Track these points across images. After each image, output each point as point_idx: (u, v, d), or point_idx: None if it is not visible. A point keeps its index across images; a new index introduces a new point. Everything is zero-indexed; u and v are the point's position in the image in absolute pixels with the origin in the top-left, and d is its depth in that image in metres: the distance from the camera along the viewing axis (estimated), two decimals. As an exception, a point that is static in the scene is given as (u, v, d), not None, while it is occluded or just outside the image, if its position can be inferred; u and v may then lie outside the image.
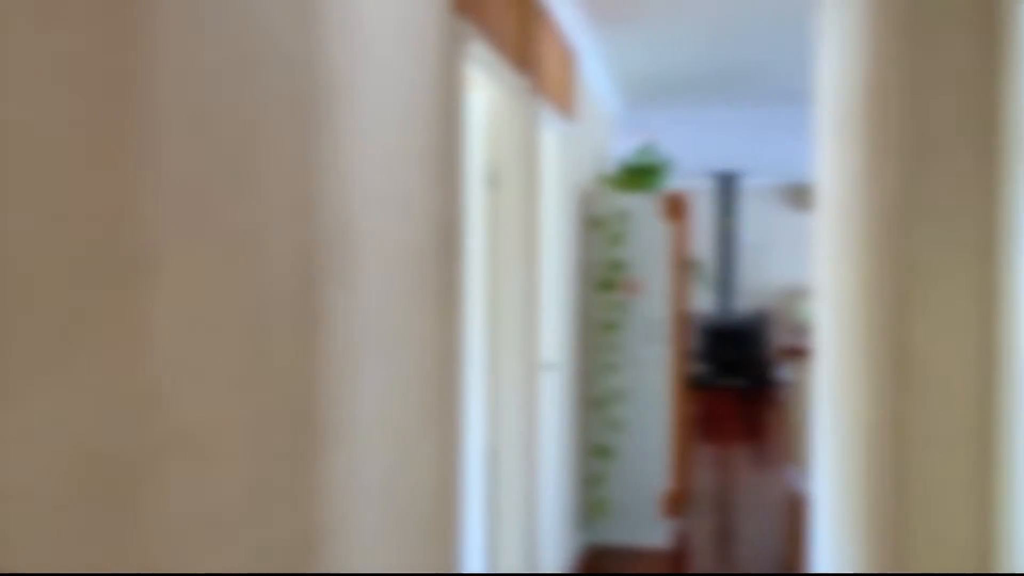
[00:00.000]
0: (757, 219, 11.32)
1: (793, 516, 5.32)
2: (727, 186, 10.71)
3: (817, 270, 3.20)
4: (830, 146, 2.93)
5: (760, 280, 11.37)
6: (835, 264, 2.81)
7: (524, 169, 2.95)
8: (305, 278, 1.31)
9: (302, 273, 1.30)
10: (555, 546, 3.85)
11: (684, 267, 4.67)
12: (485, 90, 2.84)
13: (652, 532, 4.65)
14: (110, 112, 0.87)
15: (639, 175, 4.84)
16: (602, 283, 4.54)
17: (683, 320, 4.67)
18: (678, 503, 4.80)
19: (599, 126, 5.15)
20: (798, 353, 5.93)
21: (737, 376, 10.49)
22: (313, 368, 1.34)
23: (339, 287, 1.44)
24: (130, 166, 0.90)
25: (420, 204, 1.86)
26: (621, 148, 6.77)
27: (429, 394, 1.94)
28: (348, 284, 1.48)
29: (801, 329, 10.78)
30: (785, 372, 10.66)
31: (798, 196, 11.24)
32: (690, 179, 10.65)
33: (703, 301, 10.97)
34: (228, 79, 1.09)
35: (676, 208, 4.52)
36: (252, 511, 1.16)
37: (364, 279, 1.55)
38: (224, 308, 1.08)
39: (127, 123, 0.89)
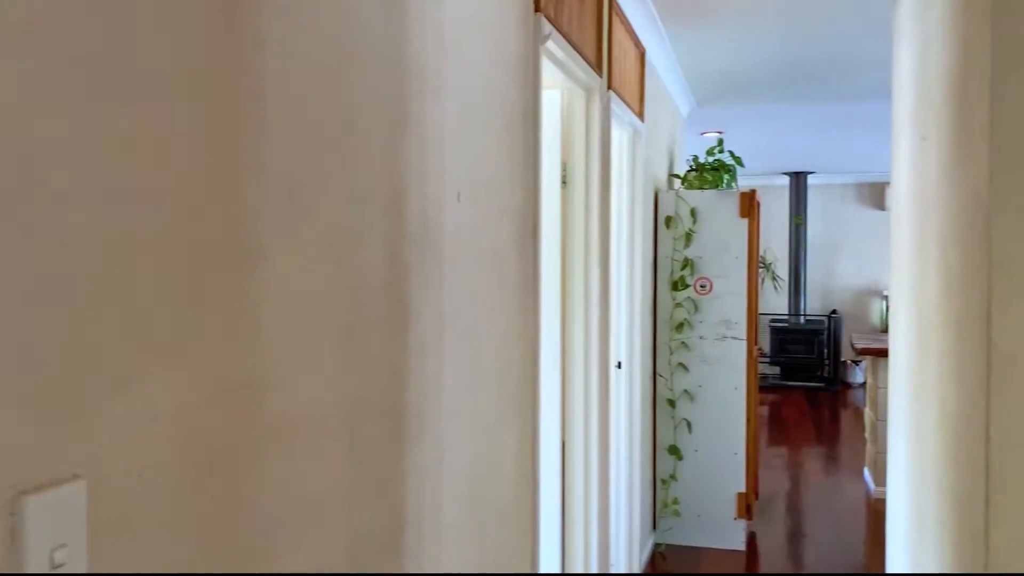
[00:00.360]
0: (828, 217, 11.12)
1: (872, 520, 5.21)
2: (798, 184, 10.54)
3: (895, 268, 3.13)
4: (909, 141, 2.87)
5: (831, 279, 11.16)
6: (915, 262, 2.76)
7: (596, 167, 2.95)
8: (395, 271, 1.34)
9: (392, 266, 1.33)
10: (627, 545, 3.84)
11: (756, 266, 4.62)
12: (559, 88, 2.85)
13: (725, 534, 4.61)
14: (220, 113, 0.90)
15: (710, 173, 4.80)
16: (673, 281, 4.51)
17: (754, 320, 4.62)
18: (751, 505, 4.74)
19: (670, 124, 5.12)
20: (874, 354, 5.81)
21: (807, 378, 10.31)
22: (402, 360, 1.37)
23: (425, 281, 1.47)
24: (238, 163, 0.94)
25: (500, 201, 1.89)
26: (692, 146, 6.72)
27: (509, 389, 1.97)
28: (433, 278, 1.51)
29: (875, 329, 10.55)
30: (859, 374, 10.42)
31: (871, 194, 11.00)
32: (760, 177, 10.51)
33: (772, 301, 10.81)
34: (327, 78, 1.12)
35: (748, 205, 4.47)
36: (347, 498, 1.19)
37: (449, 273, 1.58)
38: (322, 300, 1.12)
39: (236, 123, 0.93)
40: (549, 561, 2.92)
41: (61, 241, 0.69)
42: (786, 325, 10.50)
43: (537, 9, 2.10)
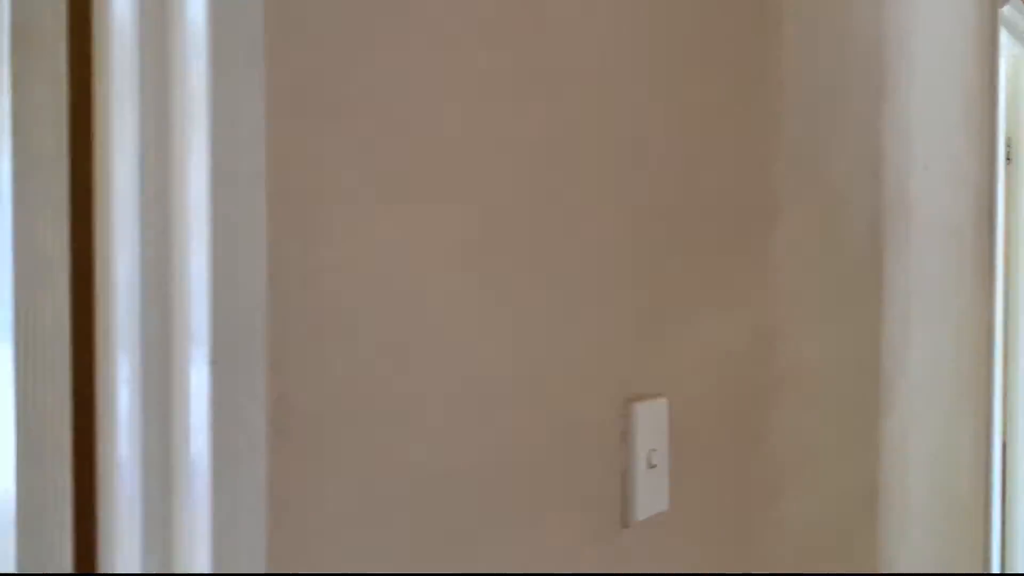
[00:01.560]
0: None
1: None
2: None
3: None
4: None
5: None
6: None
7: (1049, 141, 2.68)
8: (872, 238, 1.35)
9: (869, 234, 1.34)
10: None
11: None
12: (1003, 56, 2.63)
13: None
14: (749, 89, 0.99)
15: None
16: None
17: None
18: None
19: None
20: None
21: None
22: (876, 329, 1.38)
23: (895, 251, 1.45)
24: (760, 131, 1.01)
25: (959, 174, 1.80)
26: None
27: (964, 375, 1.87)
28: (903, 250, 1.48)
29: None
30: None
31: None
32: None
33: None
34: (825, 56, 1.17)
35: None
36: (831, 453, 1.23)
37: (913, 245, 1.54)
38: (812, 262, 1.16)
39: (760, 97, 1.01)
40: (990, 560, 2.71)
41: (648, 197, 0.81)
42: None
43: (997, -30, 1.97)
